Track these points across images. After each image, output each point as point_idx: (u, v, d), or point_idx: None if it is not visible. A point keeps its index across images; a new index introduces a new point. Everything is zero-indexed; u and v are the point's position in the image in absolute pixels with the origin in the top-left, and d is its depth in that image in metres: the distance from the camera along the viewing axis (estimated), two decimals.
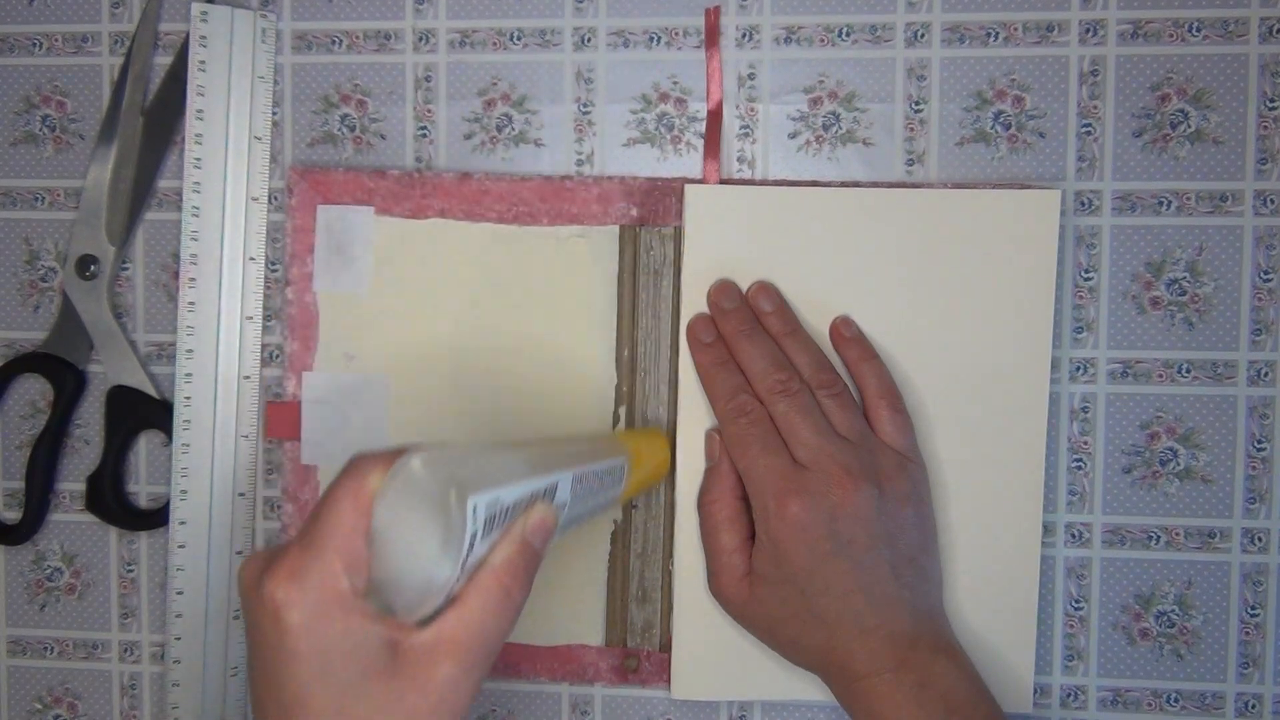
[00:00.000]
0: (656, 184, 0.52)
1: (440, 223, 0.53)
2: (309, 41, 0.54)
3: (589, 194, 0.53)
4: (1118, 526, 0.52)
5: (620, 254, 0.53)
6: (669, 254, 0.52)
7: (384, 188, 0.53)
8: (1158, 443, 0.52)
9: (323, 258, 0.54)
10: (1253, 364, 0.51)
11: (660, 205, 0.52)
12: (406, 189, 0.53)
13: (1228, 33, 0.51)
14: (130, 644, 0.56)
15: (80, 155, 0.55)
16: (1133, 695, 0.53)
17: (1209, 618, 0.52)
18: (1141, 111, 0.51)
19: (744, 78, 0.53)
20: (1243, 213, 0.51)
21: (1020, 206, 0.50)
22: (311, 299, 0.54)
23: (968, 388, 0.50)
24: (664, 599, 0.53)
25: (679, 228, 0.52)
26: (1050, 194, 0.50)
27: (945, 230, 0.50)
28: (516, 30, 0.53)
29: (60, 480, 0.56)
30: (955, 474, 0.51)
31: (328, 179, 0.53)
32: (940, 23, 0.52)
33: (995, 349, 0.50)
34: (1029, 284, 0.50)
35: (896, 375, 0.50)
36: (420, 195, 0.53)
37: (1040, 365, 0.50)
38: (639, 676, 0.53)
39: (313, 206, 0.53)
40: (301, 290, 0.54)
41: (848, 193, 0.51)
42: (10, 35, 0.55)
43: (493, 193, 0.53)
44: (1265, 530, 0.52)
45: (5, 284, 0.56)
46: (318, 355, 0.54)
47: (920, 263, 0.50)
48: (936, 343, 0.50)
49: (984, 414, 0.50)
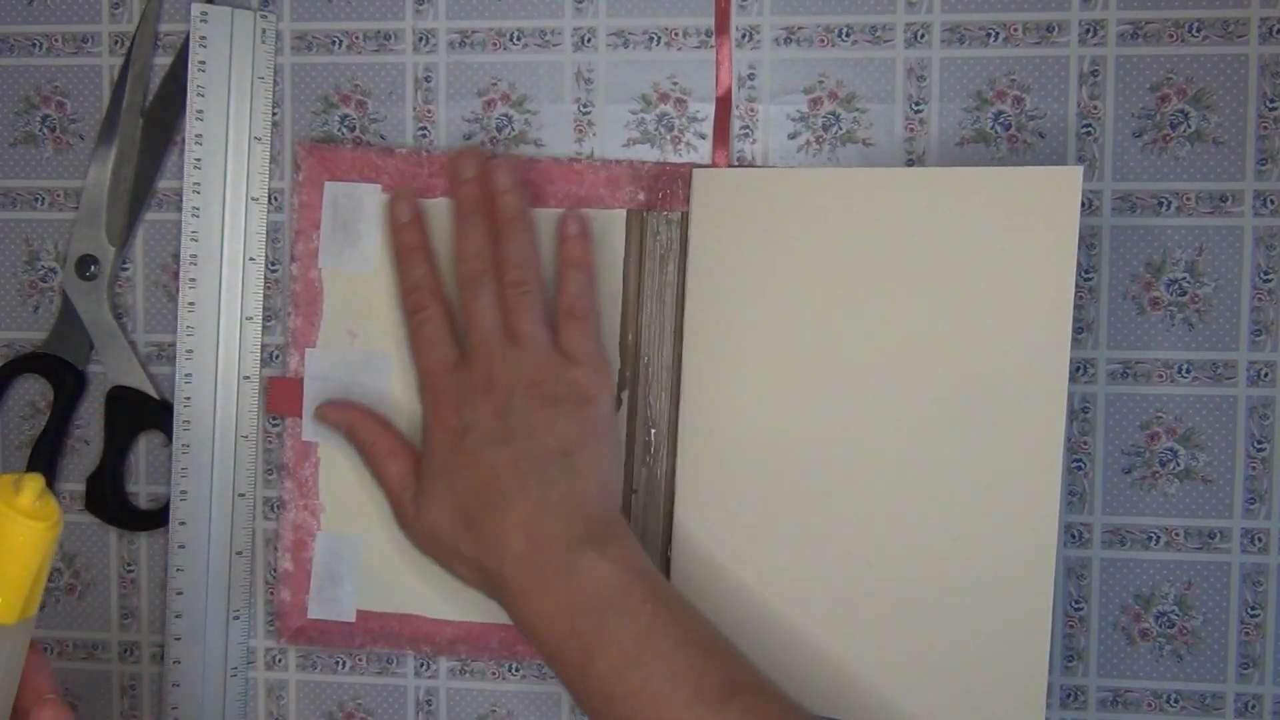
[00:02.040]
0: (665, 169, 0.52)
1: (448, 202, 0.53)
2: (309, 42, 0.54)
3: (597, 177, 0.52)
4: (1117, 527, 0.52)
5: (626, 238, 0.53)
6: (675, 239, 0.52)
7: (392, 165, 0.53)
8: (1157, 443, 0.52)
9: (328, 234, 0.53)
10: (1253, 364, 0.51)
11: (668, 190, 0.52)
12: (415, 167, 0.53)
13: (1228, 33, 0.51)
14: (130, 644, 0.56)
15: (80, 155, 0.55)
16: (1133, 695, 0.53)
17: (1209, 618, 0.52)
18: (1141, 112, 0.51)
19: (744, 78, 0.53)
20: (1243, 213, 0.51)
21: (1039, 185, 0.47)
22: (316, 275, 0.54)
23: (981, 378, 0.48)
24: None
25: (686, 213, 0.52)
26: (1071, 171, 0.47)
27: (959, 211, 0.48)
28: (516, 30, 0.54)
29: (60, 480, 0.56)
30: (965, 473, 0.49)
31: (335, 155, 0.53)
32: (940, 23, 0.52)
33: (1011, 336, 0.48)
34: (1047, 267, 0.47)
35: (908, 365, 0.49)
36: (428, 174, 0.53)
37: (1059, 354, 0.47)
38: None
39: (320, 183, 0.53)
40: (306, 267, 0.54)
41: (859, 173, 0.50)
42: (10, 35, 0.55)
43: None
44: (1265, 530, 0.52)
45: (5, 284, 0.56)
46: (321, 332, 0.54)
47: (933, 245, 0.48)
48: (950, 331, 0.48)
49: (997, 406, 0.48)
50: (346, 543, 0.54)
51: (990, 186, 0.48)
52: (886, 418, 0.49)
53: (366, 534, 0.54)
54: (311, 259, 0.54)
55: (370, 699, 0.55)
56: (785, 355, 0.50)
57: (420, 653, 0.54)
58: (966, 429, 0.49)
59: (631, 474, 0.52)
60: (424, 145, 0.54)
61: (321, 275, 0.54)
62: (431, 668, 0.55)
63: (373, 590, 0.54)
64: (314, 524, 0.54)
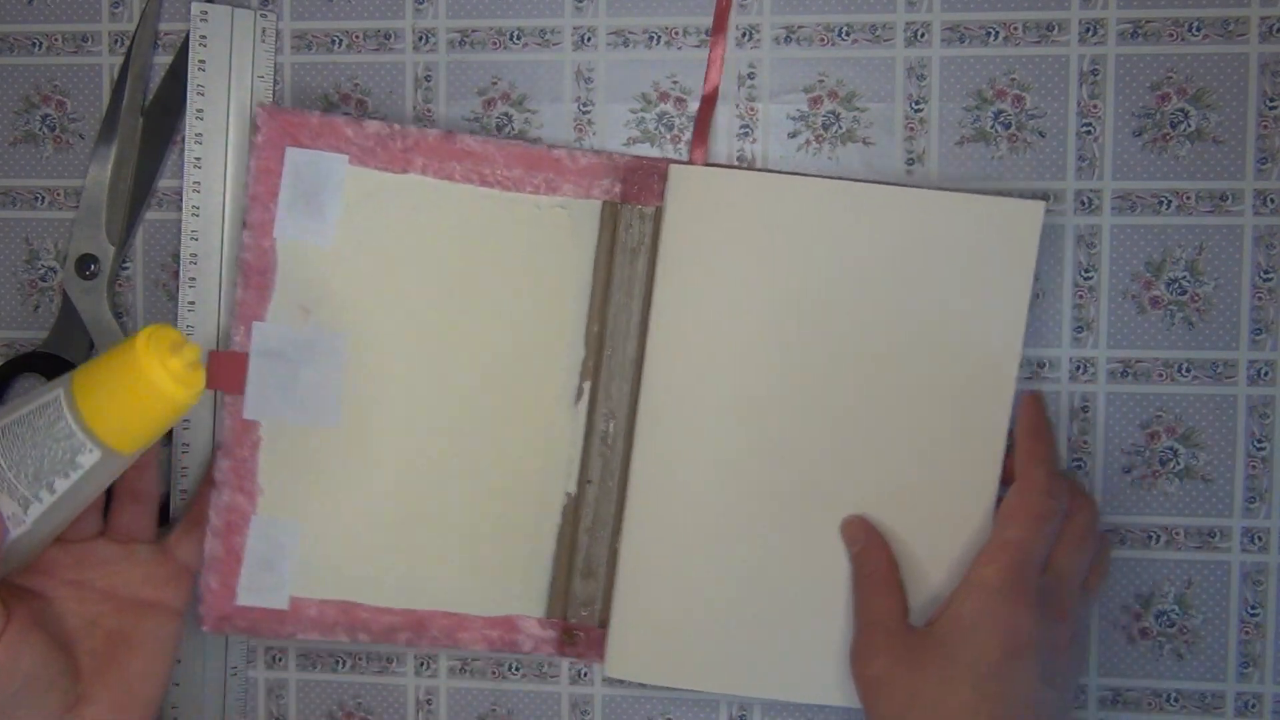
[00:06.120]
0: (642, 162, 0.52)
1: (418, 179, 0.52)
2: (309, 41, 0.54)
3: (574, 166, 0.52)
4: (1118, 526, 0.52)
5: (600, 229, 0.52)
6: (648, 234, 0.52)
7: (361, 137, 0.51)
8: (1157, 442, 0.52)
9: (287, 204, 0.51)
10: (1253, 363, 0.51)
11: (645, 184, 0.52)
12: (386, 140, 0.51)
13: (1228, 32, 0.51)
14: None
15: (80, 155, 0.55)
16: (1132, 694, 0.53)
17: (1209, 617, 0.52)
18: (1141, 111, 0.51)
19: (744, 77, 0.53)
20: (1243, 212, 0.51)
21: (1003, 214, 0.49)
22: (270, 245, 0.51)
23: (934, 392, 0.50)
24: (608, 575, 0.52)
25: (660, 208, 0.52)
26: (1034, 205, 0.49)
27: (926, 231, 0.50)
28: (516, 30, 0.54)
29: None
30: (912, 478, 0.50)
31: (300, 121, 0.51)
32: (940, 22, 0.52)
33: (964, 354, 0.50)
34: (1004, 294, 0.49)
35: (864, 373, 0.50)
36: (400, 149, 0.51)
37: (1007, 375, 0.49)
38: (575, 650, 0.53)
39: (280, 148, 0.51)
40: (260, 236, 0.51)
41: (835, 185, 0.50)
42: (10, 35, 0.55)
43: (476, 154, 0.52)
44: (1265, 530, 0.52)
45: (5, 284, 0.56)
46: (272, 306, 0.51)
47: (897, 261, 0.50)
48: (907, 343, 0.50)
49: (946, 422, 0.50)
50: (284, 528, 0.52)
51: (960, 210, 0.50)
52: (842, 423, 0.50)
53: (306, 519, 0.52)
54: (267, 228, 0.51)
55: (370, 698, 0.55)
56: (747, 356, 0.51)
57: (357, 641, 0.52)
58: (915, 436, 0.50)
59: (588, 463, 0.52)
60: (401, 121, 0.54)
61: (276, 246, 0.51)
62: (431, 667, 0.55)
63: (309, 577, 0.52)
64: (249, 507, 0.51)
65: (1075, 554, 0.48)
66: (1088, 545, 0.48)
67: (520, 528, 0.53)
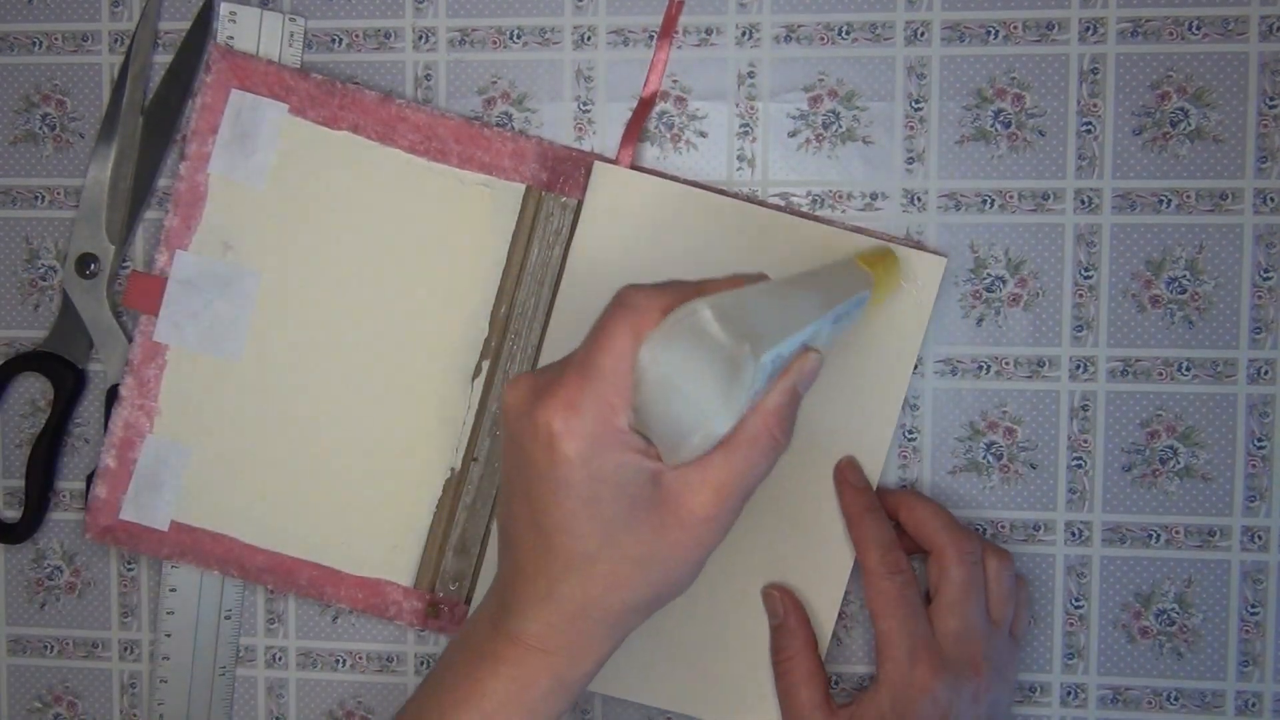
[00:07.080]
0: (571, 153, 0.52)
1: (351, 138, 0.53)
2: (309, 40, 0.54)
3: (504, 147, 0.53)
4: (1118, 525, 0.52)
5: (520, 212, 0.53)
6: (566, 225, 0.52)
7: (303, 89, 0.53)
8: (1157, 441, 0.52)
9: (225, 141, 0.53)
10: (1252, 362, 0.51)
11: (571, 175, 0.52)
12: (326, 95, 0.53)
13: (1227, 31, 0.51)
14: (130, 643, 0.56)
15: (80, 154, 0.55)
16: (1133, 693, 0.53)
17: (1209, 616, 0.52)
18: (1141, 110, 0.51)
19: (744, 76, 0.53)
20: (1243, 211, 0.51)
21: (907, 265, 0.50)
22: (203, 179, 0.53)
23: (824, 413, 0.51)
24: (480, 554, 0.53)
25: (581, 201, 0.52)
26: (936, 260, 0.50)
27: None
28: (516, 29, 0.54)
29: (60, 479, 0.56)
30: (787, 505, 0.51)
31: (249, 65, 0.53)
32: (940, 21, 0.52)
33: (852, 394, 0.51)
34: (898, 339, 0.51)
35: None
36: (338, 105, 0.53)
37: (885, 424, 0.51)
38: (439, 624, 0.53)
39: (227, 88, 0.53)
40: (195, 169, 0.53)
41: (746, 208, 0.51)
42: (10, 34, 0.55)
43: (410, 121, 0.53)
44: (1265, 528, 0.52)
45: (5, 283, 0.56)
46: (196, 237, 0.53)
47: None
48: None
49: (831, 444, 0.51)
50: (176, 451, 0.53)
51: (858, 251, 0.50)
52: None
53: (199, 446, 0.53)
54: (203, 162, 0.53)
55: (370, 697, 0.55)
56: None
57: (228, 574, 0.54)
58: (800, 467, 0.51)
59: (476, 441, 0.53)
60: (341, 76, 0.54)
61: (208, 180, 0.53)
62: (432, 665, 0.55)
63: (191, 504, 0.53)
64: (146, 425, 0.53)
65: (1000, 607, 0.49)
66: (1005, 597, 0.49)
67: (400, 494, 0.53)
